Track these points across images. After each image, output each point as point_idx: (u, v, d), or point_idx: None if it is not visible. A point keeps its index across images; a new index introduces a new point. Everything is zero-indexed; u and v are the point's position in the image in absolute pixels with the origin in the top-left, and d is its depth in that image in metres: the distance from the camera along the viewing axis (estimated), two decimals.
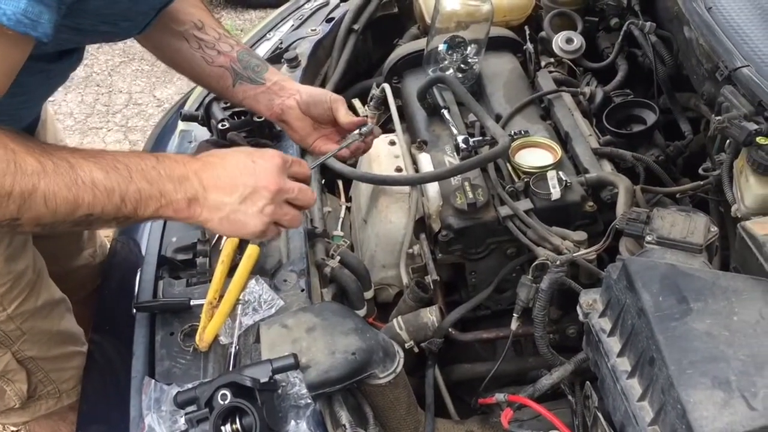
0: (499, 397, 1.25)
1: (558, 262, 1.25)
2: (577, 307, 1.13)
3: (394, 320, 1.39)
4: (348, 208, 1.77)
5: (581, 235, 1.35)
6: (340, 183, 1.84)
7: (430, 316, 1.37)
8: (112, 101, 3.67)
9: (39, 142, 0.98)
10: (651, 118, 1.63)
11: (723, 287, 1.01)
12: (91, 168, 0.96)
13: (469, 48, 1.74)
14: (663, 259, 1.09)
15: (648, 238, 1.13)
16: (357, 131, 1.36)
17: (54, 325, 1.43)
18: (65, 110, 3.66)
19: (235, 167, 1.06)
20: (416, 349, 1.39)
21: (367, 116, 1.58)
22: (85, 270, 1.73)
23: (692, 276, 1.02)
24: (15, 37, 0.88)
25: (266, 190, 1.06)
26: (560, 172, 1.44)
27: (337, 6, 2.08)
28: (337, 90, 1.89)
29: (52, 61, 1.13)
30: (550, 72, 1.83)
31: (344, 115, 1.37)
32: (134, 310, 1.32)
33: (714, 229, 1.14)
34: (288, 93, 1.39)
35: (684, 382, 0.90)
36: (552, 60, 1.89)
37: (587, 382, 1.17)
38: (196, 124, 1.70)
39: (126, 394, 1.20)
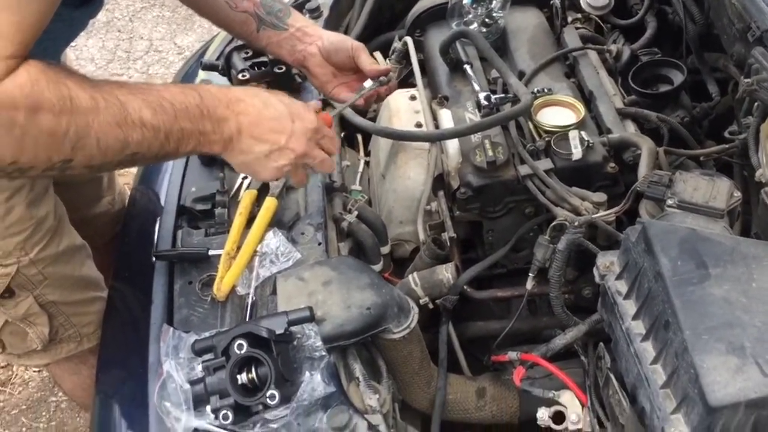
0: (512, 355, 1.26)
1: (576, 223, 1.24)
2: (594, 269, 1.13)
3: (410, 276, 1.39)
4: (367, 163, 1.76)
5: (601, 197, 1.34)
6: (359, 136, 1.83)
7: (446, 273, 1.38)
8: (133, 47, 3.65)
9: (86, 76, 0.97)
10: (678, 78, 1.59)
11: (743, 253, 1.00)
12: (140, 105, 0.96)
13: (494, 2, 1.71)
14: (684, 223, 1.08)
15: (669, 202, 1.12)
16: (376, 80, 1.36)
17: (75, 270, 1.45)
18: (86, 55, 3.65)
19: (274, 120, 1.08)
20: (431, 306, 1.40)
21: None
22: (104, 217, 1.74)
23: (712, 241, 1.01)
24: None
25: (292, 152, 1.10)
26: (582, 132, 1.42)
27: None
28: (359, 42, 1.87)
29: (76, 8, 1.13)
30: (577, 28, 1.78)
31: (367, 63, 1.37)
32: (153, 259, 1.34)
33: (737, 194, 1.13)
34: (310, 39, 1.39)
35: (698, 347, 0.90)
36: (579, 16, 1.84)
37: (600, 343, 1.17)
38: (216, 73, 1.69)
39: (145, 340, 1.23)
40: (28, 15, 0.88)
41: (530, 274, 1.33)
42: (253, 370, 1.00)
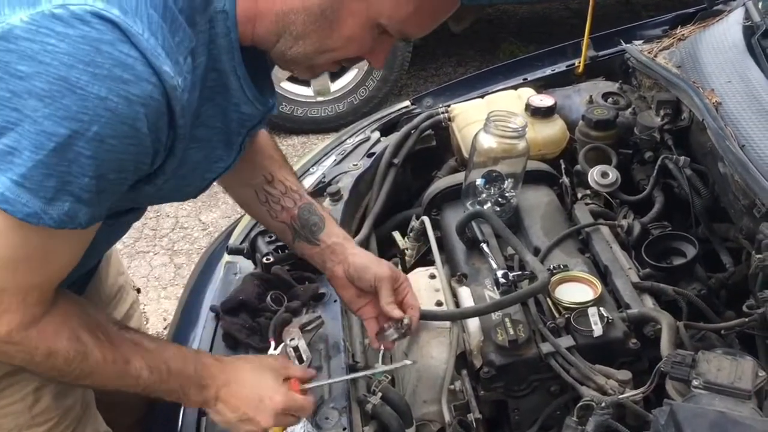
0: None
1: (603, 404, 1.23)
2: None
3: None
4: None
5: (626, 375, 1.34)
6: None
7: None
8: (159, 225, 3.80)
9: (109, 328, 1.13)
10: (690, 251, 1.63)
11: None
12: (141, 366, 1.14)
13: (506, 182, 1.79)
14: (711, 405, 1.07)
15: (695, 383, 1.12)
16: (395, 329, 1.39)
17: None
18: None
19: (248, 396, 1.24)
20: None
21: (404, 320, 1.51)
22: (133, 399, 1.73)
23: (743, 425, 1.00)
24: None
25: (256, 425, 1.23)
26: (601, 308, 1.43)
27: (377, 141, 2.17)
28: (378, 221, 1.94)
29: (120, 216, 1.20)
30: (587, 204, 1.85)
31: (386, 302, 1.39)
32: None
33: (762, 373, 1.12)
34: (338, 259, 1.43)
35: None
36: (588, 192, 1.91)
37: None
38: (241, 257, 1.76)
39: None
40: (56, 268, 1.04)
41: None
42: None
